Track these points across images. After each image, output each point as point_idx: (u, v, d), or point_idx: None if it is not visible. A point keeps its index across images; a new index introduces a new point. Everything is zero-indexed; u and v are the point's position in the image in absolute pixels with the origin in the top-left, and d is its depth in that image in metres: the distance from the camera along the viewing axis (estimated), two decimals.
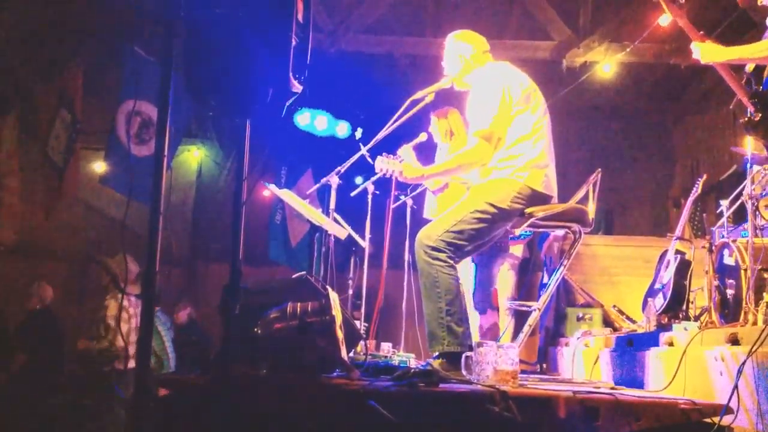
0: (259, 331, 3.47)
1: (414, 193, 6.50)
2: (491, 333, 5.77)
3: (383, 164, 4.78)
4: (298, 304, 3.49)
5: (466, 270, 5.75)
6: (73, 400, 7.32)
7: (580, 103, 11.13)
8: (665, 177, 12.38)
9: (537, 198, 4.35)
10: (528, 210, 4.34)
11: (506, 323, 5.96)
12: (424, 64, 10.41)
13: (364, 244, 6.38)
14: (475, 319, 5.74)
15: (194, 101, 3.05)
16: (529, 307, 4.71)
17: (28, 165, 10.91)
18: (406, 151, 5.56)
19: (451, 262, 4.16)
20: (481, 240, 4.35)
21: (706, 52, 4.23)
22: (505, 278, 6.11)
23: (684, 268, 5.97)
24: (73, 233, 11.50)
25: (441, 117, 6.09)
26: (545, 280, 7.17)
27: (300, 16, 3.04)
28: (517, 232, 4.75)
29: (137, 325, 7.03)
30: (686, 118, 12.12)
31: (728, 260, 5.08)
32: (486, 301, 5.79)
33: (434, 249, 4.15)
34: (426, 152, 6.04)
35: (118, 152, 9.17)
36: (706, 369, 3.65)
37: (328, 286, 3.95)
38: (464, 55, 4.71)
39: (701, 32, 4.31)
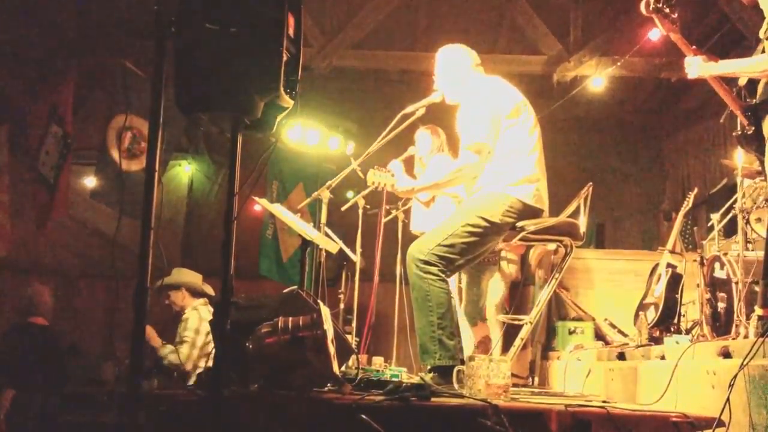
0: (251, 346, 3.46)
1: (405, 207, 6.51)
2: (483, 346, 5.77)
3: (375, 177, 4.78)
4: (290, 318, 3.48)
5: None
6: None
7: (571, 117, 11.17)
8: (656, 191, 12.42)
9: (528, 212, 4.35)
10: (519, 224, 4.35)
11: (496, 336, 5.95)
12: (415, 79, 10.45)
13: (356, 258, 6.37)
14: (466, 332, 5.74)
15: (185, 116, 3.05)
16: (521, 320, 4.71)
17: (18, 181, 10.87)
18: (397, 164, 5.56)
19: (443, 275, 4.17)
20: (473, 254, 4.35)
21: (699, 66, 4.24)
22: (495, 290, 6.12)
23: (675, 281, 5.99)
24: (64, 249, 11.47)
25: (434, 134, 6.11)
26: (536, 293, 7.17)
27: (291, 31, 3.04)
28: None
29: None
30: (677, 131, 12.16)
31: (719, 273, 5.09)
32: (477, 314, 5.79)
33: (426, 263, 4.15)
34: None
35: (109, 167, 9.16)
36: (698, 382, 3.65)
37: (319, 301, 3.95)
38: (455, 69, 4.72)
39: (693, 47, 4.33)
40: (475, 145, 4.36)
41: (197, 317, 6.94)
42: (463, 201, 5.01)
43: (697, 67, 4.24)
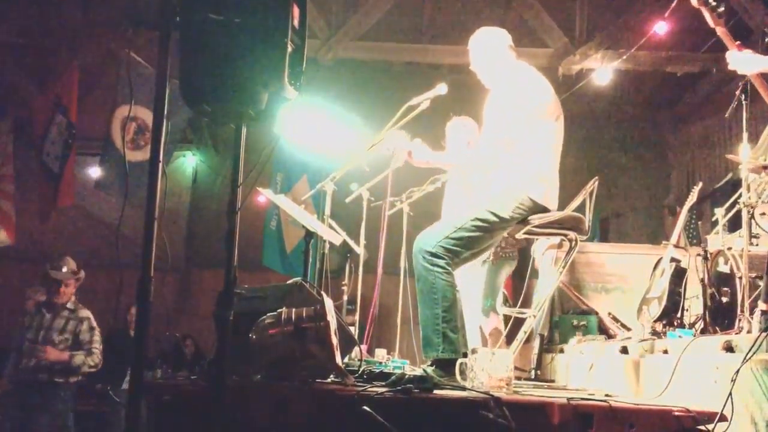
0: (254, 337, 3.47)
1: (410, 201, 6.50)
2: (493, 338, 5.80)
3: (392, 142, 4.67)
4: (293, 309, 3.48)
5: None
6: None
7: (576, 111, 11.13)
8: (660, 185, 12.40)
9: (537, 210, 4.32)
10: None
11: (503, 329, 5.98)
12: (420, 71, 10.44)
13: (359, 250, 6.38)
14: (476, 323, 5.77)
15: (189, 106, 3.05)
16: (524, 314, 4.71)
17: (23, 170, 10.90)
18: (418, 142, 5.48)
19: (449, 268, 4.14)
20: (479, 247, 4.33)
21: (743, 61, 4.18)
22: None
23: (679, 275, 5.97)
24: (69, 238, 11.49)
25: (469, 125, 6.02)
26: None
27: (296, 23, 3.04)
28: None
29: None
30: (682, 126, 12.14)
31: (723, 268, 5.08)
32: (491, 307, 5.84)
33: (433, 255, 4.13)
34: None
35: (113, 157, 9.17)
36: (700, 377, 3.65)
37: (322, 292, 3.95)
38: (488, 52, 4.67)
39: (737, 42, 4.27)
40: (496, 136, 4.33)
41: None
42: (471, 186, 4.98)
43: (743, 62, 4.17)
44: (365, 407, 2.92)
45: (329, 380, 3.54)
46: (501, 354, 3.59)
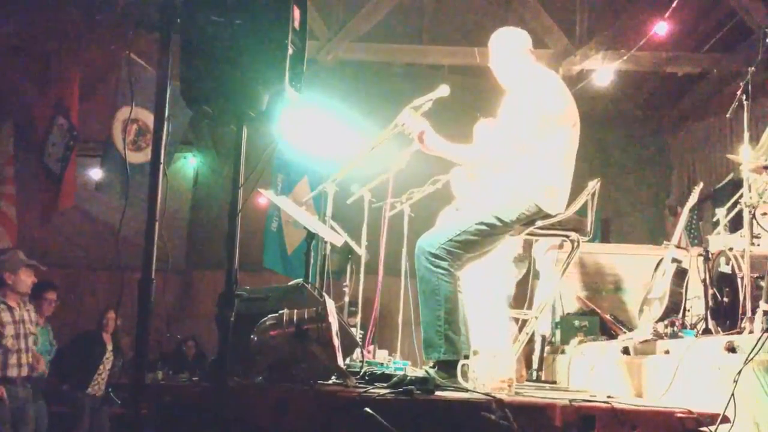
0: (255, 339, 3.46)
1: (411, 201, 6.49)
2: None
3: (408, 118, 4.57)
4: (295, 311, 3.48)
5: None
6: None
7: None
8: (661, 185, 12.40)
9: (542, 217, 4.31)
10: None
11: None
12: (421, 72, 10.44)
13: (361, 251, 6.37)
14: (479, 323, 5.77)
15: (190, 108, 3.05)
16: (526, 315, 4.70)
17: (24, 173, 10.91)
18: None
19: (452, 270, 4.13)
20: (481, 250, 4.31)
21: None
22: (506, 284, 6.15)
23: (680, 276, 5.96)
24: (70, 240, 11.51)
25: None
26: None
27: (296, 24, 3.04)
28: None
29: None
30: (682, 126, 12.14)
31: (725, 268, 5.07)
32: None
33: (436, 257, 4.11)
34: (422, 160, 6.01)
35: (114, 159, 9.17)
36: (702, 377, 3.64)
37: (324, 294, 3.95)
38: (505, 53, 4.65)
39: None
40: (510, 139, 4.31)
41: None
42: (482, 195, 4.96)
43: None
44: (367, 409, 2.92)
45: (331, 381, 3.54)
46: (502, 355, 3.58)
